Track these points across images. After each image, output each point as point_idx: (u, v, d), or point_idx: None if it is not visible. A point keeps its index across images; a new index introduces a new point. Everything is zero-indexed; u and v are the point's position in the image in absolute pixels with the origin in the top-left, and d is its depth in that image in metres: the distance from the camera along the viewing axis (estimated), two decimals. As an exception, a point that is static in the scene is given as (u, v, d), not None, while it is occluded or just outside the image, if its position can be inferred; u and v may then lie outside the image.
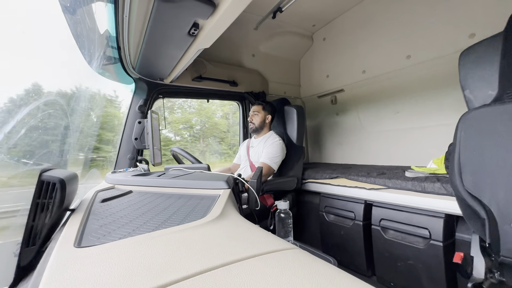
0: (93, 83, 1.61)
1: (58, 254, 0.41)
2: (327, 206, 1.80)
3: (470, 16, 1.50)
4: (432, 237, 1.21)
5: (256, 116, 1.88)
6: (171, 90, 1.99)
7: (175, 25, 1.06)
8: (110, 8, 1.11)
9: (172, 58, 1.42)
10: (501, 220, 0.68)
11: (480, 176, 0.72)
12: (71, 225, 0.56)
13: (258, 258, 0.38)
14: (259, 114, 1.88)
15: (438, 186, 1.20)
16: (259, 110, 1.89)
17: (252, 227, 0.53)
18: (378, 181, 1.48)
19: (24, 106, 0.96)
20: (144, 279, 0.32)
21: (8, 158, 0.83)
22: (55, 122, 1.16)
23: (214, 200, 0.71)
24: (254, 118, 1.88)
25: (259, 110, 1.89)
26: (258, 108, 1.89)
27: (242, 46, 2.39)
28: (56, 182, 0.59)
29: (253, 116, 1.89)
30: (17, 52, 0.91)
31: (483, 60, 0.80)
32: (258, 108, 1.89)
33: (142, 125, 1.72)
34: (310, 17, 2.32)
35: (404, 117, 2.03)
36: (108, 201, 0.76)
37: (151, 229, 0.51)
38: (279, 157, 1.75)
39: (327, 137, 2.78)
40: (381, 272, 1.45)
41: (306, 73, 2.81)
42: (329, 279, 0.32)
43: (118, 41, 1.33)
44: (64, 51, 1.20)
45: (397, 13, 1.88)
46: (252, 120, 1.88)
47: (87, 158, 1.64)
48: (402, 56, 1.87)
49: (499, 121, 0.68)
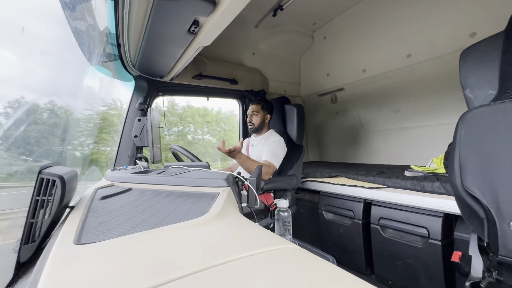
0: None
1: (58, 250, 0.41)
2: (326, 205, 1.81)
3: (470, 15, 1.50)
4: (431, 236, 1.21)
5: (255, 116, 1.84)
6: (171, 88, 1.98)
7: (175, 23, 1.06)
8: (110, 5, 1.11)
9: (172, 55, 1.41)
10: (500, 219, 0.68)
11: (480, 175, 0.72)
12: (71, 222, 0.56)
13: (257, 256, 0.38)
14: (259, 114, 1.84)
15: (437, 186, 1.20)
16: (258, 110, 1.85)
17: (252, 225, 0.53)
18: (378, 180, 1.48)
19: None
20: (144, 276, 0.32)
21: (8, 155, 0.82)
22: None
23: (213, 198, 0.71)
24: (254, 119, 1.84)
25: (258, 110, 1.85)
26: (257, 108, 1.85)
27: (243, 44, 2.38)
28: (56, 179, 0.59)
29: (253, 116, 1.84)
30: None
31: (484, 60, 0.79)
32: (257, 107, 1.85)
33: (141, 122, 1.71)
34: (310, 15, 2.31)
35: (404, 116, 2.03)
36: (107, 198, 0.76)
37: (150, 227, 0.51)
38: (281, 154, 1.74)
39: (327, 136, 2.78)
40: (380, 270, 1.46)
41: (306, 72, 2.80)
42: (328, 277, 0.32)
43: (118, 38, 1.32)
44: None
45: (397, 12, 1.87)
46: (252, 121, 1.84)
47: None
48: (403, 55, 1.87)
49: (499, 120, 0.68)
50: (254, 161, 1.60)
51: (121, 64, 1.59)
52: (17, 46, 0.89)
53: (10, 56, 0.90)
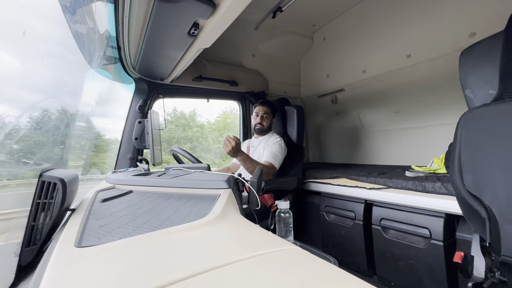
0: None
1: (59, 254, 0.41)
2: (327, 206, 1.80)
3: (470, 15, 1.50)
4: (433, 236, 1.21)
5: (266, 119, 1.91)
6: (171, 90, 1.99)
7: (175, 25, 1.06)
8: (110, 8, 1.11)
9: (172, 58, 1.42)
10: (502, 219, 0.67)
11: (481, 175, 0.72)
12: (72, 225, 0.56)
13: (258, 258, 0.38)
14: (269, 117, 1.92)
15: (439, 186, 1.20)
16: (269, 113, 1.92)
17: (253, 226, 0.53)
18: (379, 180, 1.48)
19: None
20: (145, 279, 0.32)
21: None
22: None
23: (214, 200, 0.71)
24: (265, 121, 1.90)
25: (269, 113, 1.92)
26: (268, 111, 1.92)
27: (242, 46, 2.39)
28: (56, 182, 0.59)
29: (263, 118, 1.91)
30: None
31: (484, 59, 0.79)
32: (269, 111, 1.92)
33: (142, 125, 1.72)
34: (310, 16, 2.32)
35: (405, 117, 2.03)
36: (108, 201, 0.76)
37: (151, 229, 0.51)
38: (281, 155, 1.75)
39: (327, 136, 2.78)
40: (381, 271, 1.45)
41: (306, 73, 2.81)
42: (330, 279, 0.32)
43: (118, 41, 1.33)
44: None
45: (397, 12, 1.88)
46: (263, 122, 1.90)
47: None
48: (403, 56, 1.87)
49: (499, 120, 0.68)
50: (254, 161, 1.60)
51: (121, 66, 1.60)
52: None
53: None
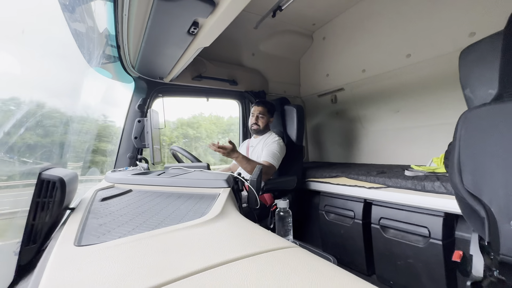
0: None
1: (58, 252, 0.41)
2: (327, 205, 1.81)
3: (470, 15, 1.50)
4: (432, 235, 1.21)
5: (261, 119, 1.90)
6: (171, 89, 1.98)
7: (175, 24, 1.06)
8: (110, 7, 1.11)
9: (171, 57, 1.41)
10: (501, 219, 0.68)
11: (480, 175, 0.72)
12: (71, 223, 0.56)
13: (258, 257, 0.38)
14: (265, 117, 1.91)
15: (438, 185, 1.20)
16: (264, 112, 1.91)
17: (252, 225, 0.53)
18: (378, 180, 1.48)
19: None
20: (144, 278, 0.32)
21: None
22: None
23: (214, 199, 0.71)
24: (260, 121, 1.90)
25: (264, 113, 1.91)
26: (264, 111, 1.91)
27: (242, 45, 2.39)
28: (56, 181, 0.59)
29: (259, 118, 1.90)
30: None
31: (483, 59, 0.80)
32: (264, 110, 1.91)
33: (141, 124, 1.72)
34: (310, 16, 2.31)
35: (404, 116, 2.03)
36: (108, 200, 0.76)
37: (150, 228, 0.51)
38: (280, 155, 1.75)
39: (327, 136, 2.78)
40: (381, 270, 1.46)
41: (306, 72, 2.81)
42: (329, 278, 0.32)
43: (118, 39, 1.32)
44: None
45: (397, 11, 1.88)
46: (258, 122, 1.90)
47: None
48: (402, 55, 1.87)
49: (499, 119, 0.68)
50: (251, 161, 1.60)
51: (120, 65, 1.60)
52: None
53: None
